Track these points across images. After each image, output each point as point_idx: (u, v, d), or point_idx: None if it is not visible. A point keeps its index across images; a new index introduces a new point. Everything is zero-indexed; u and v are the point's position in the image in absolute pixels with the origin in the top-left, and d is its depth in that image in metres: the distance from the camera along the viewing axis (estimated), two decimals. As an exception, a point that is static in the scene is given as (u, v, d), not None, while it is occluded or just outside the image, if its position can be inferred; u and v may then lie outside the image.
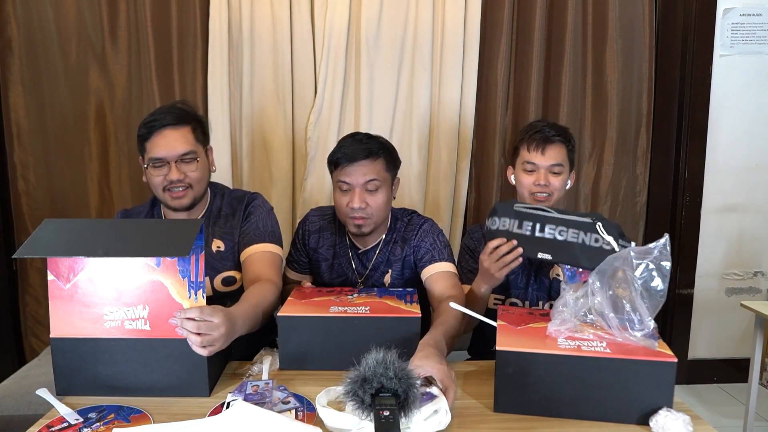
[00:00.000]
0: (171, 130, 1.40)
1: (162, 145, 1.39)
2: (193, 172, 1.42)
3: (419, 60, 2.31)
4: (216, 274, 1.48)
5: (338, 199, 1.48)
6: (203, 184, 1.47)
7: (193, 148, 1.42)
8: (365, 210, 1.45)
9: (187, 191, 1.42)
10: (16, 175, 2.34)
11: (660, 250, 1.04)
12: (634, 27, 2.44)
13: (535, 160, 1.54)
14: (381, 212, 1.48)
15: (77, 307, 1.12)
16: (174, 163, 1.39)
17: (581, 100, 2.47)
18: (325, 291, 1.41)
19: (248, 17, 2.24)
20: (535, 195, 1.54)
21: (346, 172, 1.44)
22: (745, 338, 2.63)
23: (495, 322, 1.17)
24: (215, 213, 1.52)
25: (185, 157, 1.40)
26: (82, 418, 1.04)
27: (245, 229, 1.49)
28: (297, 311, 1.25)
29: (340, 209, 1.49)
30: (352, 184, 1.45)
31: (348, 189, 1.46)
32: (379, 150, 1.46)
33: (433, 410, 0.98)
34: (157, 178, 1.41)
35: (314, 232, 1.62)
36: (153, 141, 1.40)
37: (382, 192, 1.47)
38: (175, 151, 1.39)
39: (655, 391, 1.01)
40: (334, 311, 1.24)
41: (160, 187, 1.42)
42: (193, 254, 1.11)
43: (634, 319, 1.04)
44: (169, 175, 1.39)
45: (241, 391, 1.12)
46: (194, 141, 1.43)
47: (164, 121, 1.40)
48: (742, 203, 2.57)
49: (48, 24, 2.26)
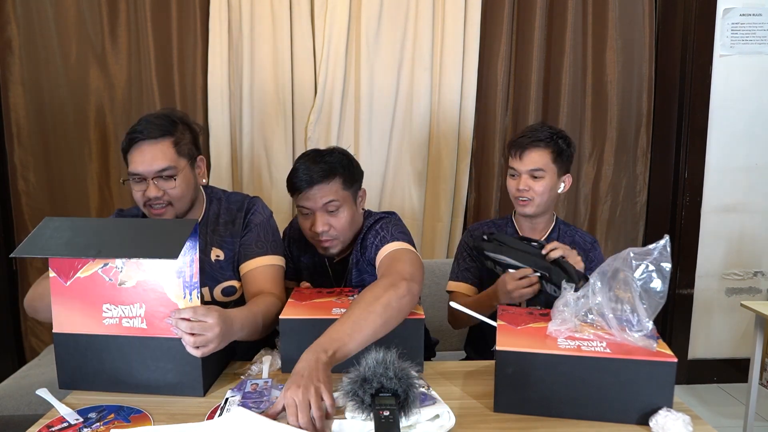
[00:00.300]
0: (149, 144, 1.33)
1: (139, 161, 1.32)
2: (173, 189, 1.34)
3: (419, 60, 2.31)
4: (215, 285, 1.44)
5: (302, 223, 1.46)
6: (186, 200, 1.39)
7: (172, 163, 1.34)
8: (329, 232, 1.41)
9: (167, 208, 1.35)
10: (16, 175, 2.34)
11: (660, 252, 1.03)
12: (634, 27, 2.44)
13: (515, 165, 1.57)
14: (346, 231, 1.44)
15: (78, 303, 1.14)
16: (152, 180, 1.32)
17: (581, 100, 2.47)
18: (325, 292, 1.40)
19: (248, 17, 2.24)
20: (518, 200, 1.57)
21: (305, 197, 1.40)
22: (745, 338, 2.63)
23: (495, 322, 1.17)
24: (213, 219, 1.46)
25: (163, 173, 1.33)
26: (82, 418, 1.04)
27: (246, 240, 1.44)
28: (299, 314, 1.24)
29: (306, 233, 1.47)
30: (311, 208, 1.41)
31: (308, 213, 1.42)
32: (333, 169, 1.40)
33: (435, 414, 0.97)
34: (137, 194, 1.35)
35: (295, 241, 1.60)
36: (132, 155, 1.34)
37: (344, 211, 1.42)
38: (152, 167, 1.32)
39: (655, 391, 1.01)
40: (337, 313, 1.22)
41: (141, 202, 1.36)
42: (188, 255, 1.11)
43: (632, 320, 1.04)
44: (147, 192, 1.33)
45: (240, 389, 1.12)
46: (174, 155, 1.35)
47: (143, 134, 1.33)
48: (742, 203, 2.57)
49: (48, 24, 2.26)
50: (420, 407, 0.97)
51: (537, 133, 1.56)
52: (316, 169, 1.38)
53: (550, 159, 1.54)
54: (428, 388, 1.09)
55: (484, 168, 2.46)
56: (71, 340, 1.15)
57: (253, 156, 2.35)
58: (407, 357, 0.99)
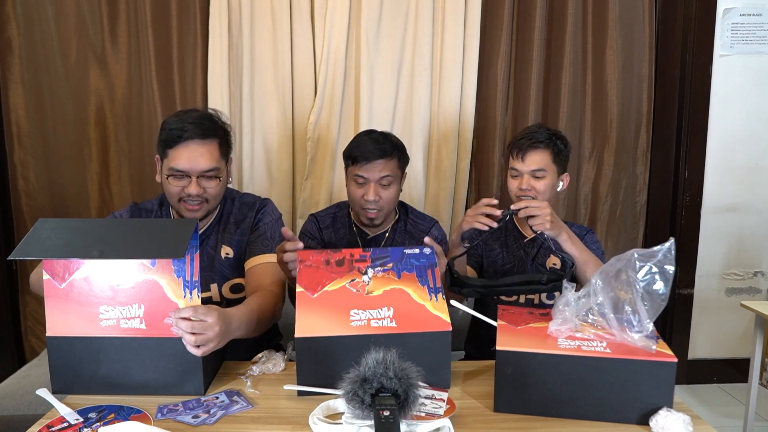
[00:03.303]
0: (198, 144, 1.35)
1: (186, 158, 1.35)
2: (213, 189, 1.39)
3: (419, 60, 2.31)
4: (224, 281, 1.47)
5: (354, 191, 1.60)
6: (219, 198, 1.45)
7: (217, 164, 1.39)
8: (378, 203, 1.58)
9: (202, 205, 1.39)
10: (16, 175, 2.34)
11: (664, 254, 1.03)
12: (634, 27, 2.44)
13: (517, 166, 1.62)
14: (391, 204, 1.62)
15: (73, 306, 1.12)
16: (195, 178, 1.36)
17: (581, 100, 2.47)
18: (334, 263, 1.26)
19: (248, 17, 2.24)
20: (521, 198, 1.62)
21: (365, 168, 1.56)
22: (745, 338, 2.63)
23: (495, 321, 1.17)
24: (225, 218, 1.50)
25: (207, 173, 1.37)
26: (82, 418, 1.04)
27: (252, 238, 1.48)
28: (315, 331, 1.12)
29: (355, 200, 1.61)
30: (368, 178, 1.57)
31: (364, 183, 1.58)
32: (393, 150, 1.58)
33: (435, 428, 0.97)
34: (174, 188, 1.37)
35: (326, 228, 1.72)
36: (177, 150, 1.35)
37: (393, 186, 1.60)
38: (199, 167, 1.35)
39: (655, 391, 1.01)
40: (357, 326, 1.13)
41: (175, 197, 1.39)
42: (188, 254, 1.11)
43: (633, 321, 1.04)
44: (187, 189, 1.36)
45: None
46: (219, 157, 1.40)
47: (193, 133, 1.35)
48: (742, 203, 2.57)
49: (48, 24, 2.26)
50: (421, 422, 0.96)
51: (536, 134, 1.61)
52: (379, 148, 1.56)
53: (550, 159, 1.60)
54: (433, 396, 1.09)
55: (484, 168, 2.46)
56: (65, 344, 1.12)
57: (253, 156, 2.35)
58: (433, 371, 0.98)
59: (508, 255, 1.69)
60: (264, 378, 1.23)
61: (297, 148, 2.37)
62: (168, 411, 1.07)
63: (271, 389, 1.17)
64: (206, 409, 1.08)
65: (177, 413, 1.06)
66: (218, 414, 1.06)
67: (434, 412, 1.01)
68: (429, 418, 0.98)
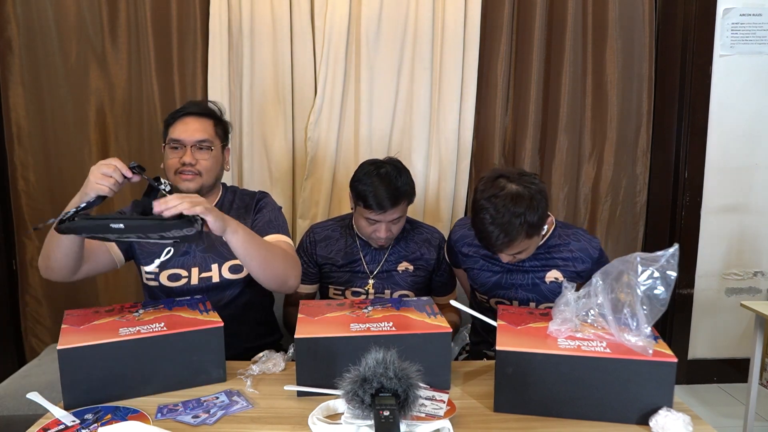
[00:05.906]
0: (194, 118, 1.50)
1: (181, 130, 1.48)
2: (206, 161, 1.48)
3: (419, 60, 2.31)
4: (224, 262, 1.51)
5: (363, 227, 1.63)
6: (212, 174, 1.52)
7: (210, 137, 1.50)
8: (389, 237, 1.63)
9: (195, 177, 1.47)
10: (16, 175, 2.34)
11: (668, 259, 1.03)
12: (634, 27, 2.44)
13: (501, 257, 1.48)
14: (399, 232, 1.68)
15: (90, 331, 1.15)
16: (189, 148, 1.47)
17: (581, 100, 2.47)
18: (335, 305, 1.32)
19: (248, 17, 2.24)
20: None
21: (375, 215, 1.57)
22: (745, 338, 2.62)
23: (495, 321, 1.17)
24: (227, 206, 1.58)
25: (201, 144, 1.48)
26: (78, 420, 1.03)
27: (257, 220, 1.54)
28: (315, 332, 1.14)
29: (364, 233, 1.65)
30: (380, 221, 1.59)
31: (374, 223, 1.60)
32: (405, 195, 1.60)
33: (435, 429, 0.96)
34: (172, 160, 1.48)
35: (321, 241, 1.73)
36: (175, 125, 1.50)
37: (402, 220, 1.66)
38: (193, 137, 1.47)
39: (655, 391, 1.01)
40: (356, 329, 1.14)
41: (172, 169, 1.48)
42: None
43: (631, 324, 1.04)
44: (183, 158, 1.46)
45: None
46: (213, 133, 1.52)
47: (190, 109, 1.51)
48: (742, 203, 2.57)
49: (48, 24, 2.26)
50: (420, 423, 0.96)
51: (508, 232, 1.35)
52: (393, 194, 1.56)
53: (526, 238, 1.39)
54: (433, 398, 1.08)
55: (484, 168, 2.46)
56: (78, 354, 1.07)
57: (253, 156, 2.35)
58: (433, 372, 0.97)
59: (494, 266, 1.58)
60: (264, 378, 1.23)
61: (297, 148, 2.37)
62: (168, 411, 1.07)
63: (271, 389, 1.17)
64: (206, 409, 1.08)
65: (177, 413, 1.06)
66: (218, 414, 1.06)
67: (434, 413, 1.02)
68: (429, 419, 0.98)
